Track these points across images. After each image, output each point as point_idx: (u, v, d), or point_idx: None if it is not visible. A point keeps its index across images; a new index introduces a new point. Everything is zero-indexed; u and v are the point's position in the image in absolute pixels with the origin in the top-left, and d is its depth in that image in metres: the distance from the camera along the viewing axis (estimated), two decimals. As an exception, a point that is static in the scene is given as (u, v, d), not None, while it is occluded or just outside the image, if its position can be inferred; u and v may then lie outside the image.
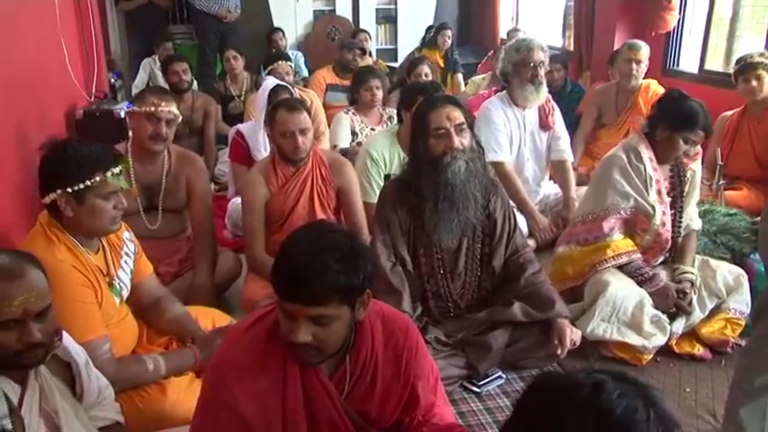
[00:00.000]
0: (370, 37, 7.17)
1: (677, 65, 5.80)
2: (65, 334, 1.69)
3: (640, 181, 2.86)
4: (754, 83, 3.83)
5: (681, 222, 2.96)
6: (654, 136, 2.86)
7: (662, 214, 2.87)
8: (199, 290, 2.94)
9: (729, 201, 3.68)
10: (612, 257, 2.83)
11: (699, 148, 3.00)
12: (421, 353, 1.76)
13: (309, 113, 3.05)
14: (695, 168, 3.00)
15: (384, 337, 1.69)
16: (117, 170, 2.09)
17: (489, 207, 2.64)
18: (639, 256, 2.88)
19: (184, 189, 3.06)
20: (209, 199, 3.19)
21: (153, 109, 2.86)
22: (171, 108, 2.92)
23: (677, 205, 2.95)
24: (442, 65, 6.72)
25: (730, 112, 4.12)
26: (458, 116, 2.48)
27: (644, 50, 4.49)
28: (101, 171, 2.04)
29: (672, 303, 2.79)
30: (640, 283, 2.82)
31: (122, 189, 2.13)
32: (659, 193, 2.87)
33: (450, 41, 6.82)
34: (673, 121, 2.79)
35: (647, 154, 2.87)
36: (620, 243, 2.86)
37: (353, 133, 4.33)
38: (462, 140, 2.49)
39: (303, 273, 1.44)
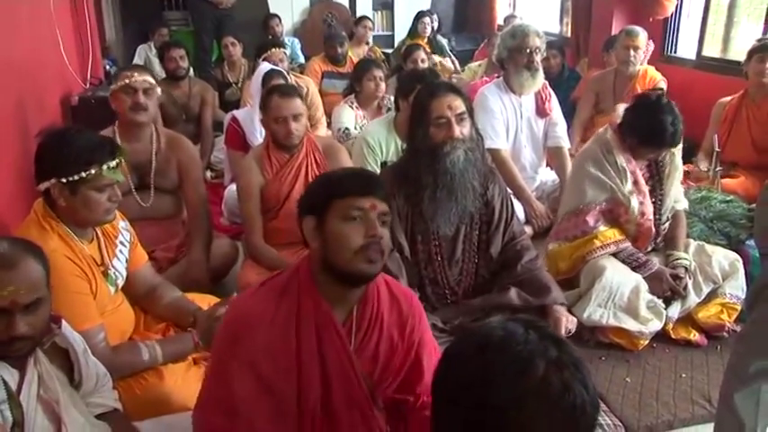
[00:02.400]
0: (373, 25, 7.14)
1: (675, 51, 5.79)
2: (63, 321, 1.69)
3: (614, 172, 2.86)
4: (767, 65, 3.83)
5: (662, 210, 2.95)
6: (624, 137, 2.85)
7: (639, 204, 2.86)
8: (193, 265, 2.96)
9: (726, 188, 3.69)
10: (601, 247, 2.85)
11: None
12: (424, 324, 1.80)
13: (303, 99, 3.05)
14: (673, 150, 2.94)
15: (389, 299, 1.73)
16: (113, 163, 2.08)
17: (487, 195, 2.63)
18: (628, 244, 2.89)
19: (176, 171, 3.09)
20: (201, 183, 3.21)
21: (127, 81, 2.89)
22: (145, 77, 2.94)
23: (657, 192, 2.94)
24: (429, 50, 6.69)
25: (728, 98, 4.11)
26: (459, 105, 2.47)
27: (642, 37, 4.48)
28: (96, 164, 2.03)
29: (667, 287, 2.80)
30: (634, 269, 2.83)
31: (118, 182, 2.12)
32: (636, 183, 2.86)
33: (430, 27, 6.79)
34: (640, 135, 2.78)
35: (619, 148, 2.86)
36: (607, 233, 2.87)
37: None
38: (462, 130, 2.47)
39: (373, 175, 1.75)
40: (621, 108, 2.94)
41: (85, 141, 2.05)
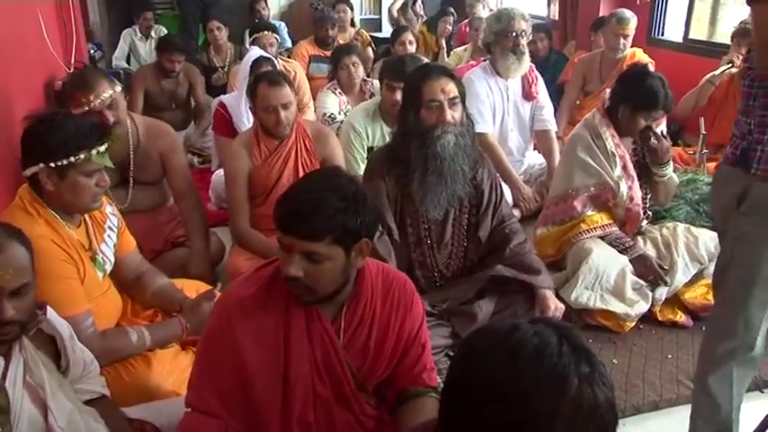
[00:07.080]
0: (351, 8, 7.07)
1: (662, 34, 5.79)
2: (48, 308, 1.68)
3: (604, 157, 2.87)
4: (743, 49, 3.84)
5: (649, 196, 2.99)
6: (615, 113, 2.86)
7: (628, 189, 2.88)
8: (196, 258, 2.97)
9: (712, 172, 3.70)
10: (587, 231, 2.88)
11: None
12: (416, 309, 1.76)
13: (291, 86, 3.01)
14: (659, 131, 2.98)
15: (382, 292, 1.71)
16: (102, 148, 2.06)
17: (476, 179, 2.64)
18: (615, 228, 2.91)
19: (158, 163, 2.99)
20: (186, 171, 3.10)
21: (87, 108, 2.69)
22: (102, 96, 2.70)
23: (644, 179, 2.96)
24: (436, 49, 6.63)
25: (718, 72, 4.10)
26: (452, 89, 2.45)
27: (632, 23, 4.48)
28: (86, 149, 2.01)
29: (650, 273, 2.81)
30: (621, 252, 2.85)
31: (106, 167, 2.10)
32: (625, 168, 2.88)
33: (451, 28, 6.66)
34: (633, 100, 2.80)
35: (607, 132, 2.87)
36: (594, 217, 2.90)
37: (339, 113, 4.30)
38: (454, 114, 2.46)
39: (301, 206, 1.49)
40: (608, 92, 2.95)
41: (75, 126, 2.03)
